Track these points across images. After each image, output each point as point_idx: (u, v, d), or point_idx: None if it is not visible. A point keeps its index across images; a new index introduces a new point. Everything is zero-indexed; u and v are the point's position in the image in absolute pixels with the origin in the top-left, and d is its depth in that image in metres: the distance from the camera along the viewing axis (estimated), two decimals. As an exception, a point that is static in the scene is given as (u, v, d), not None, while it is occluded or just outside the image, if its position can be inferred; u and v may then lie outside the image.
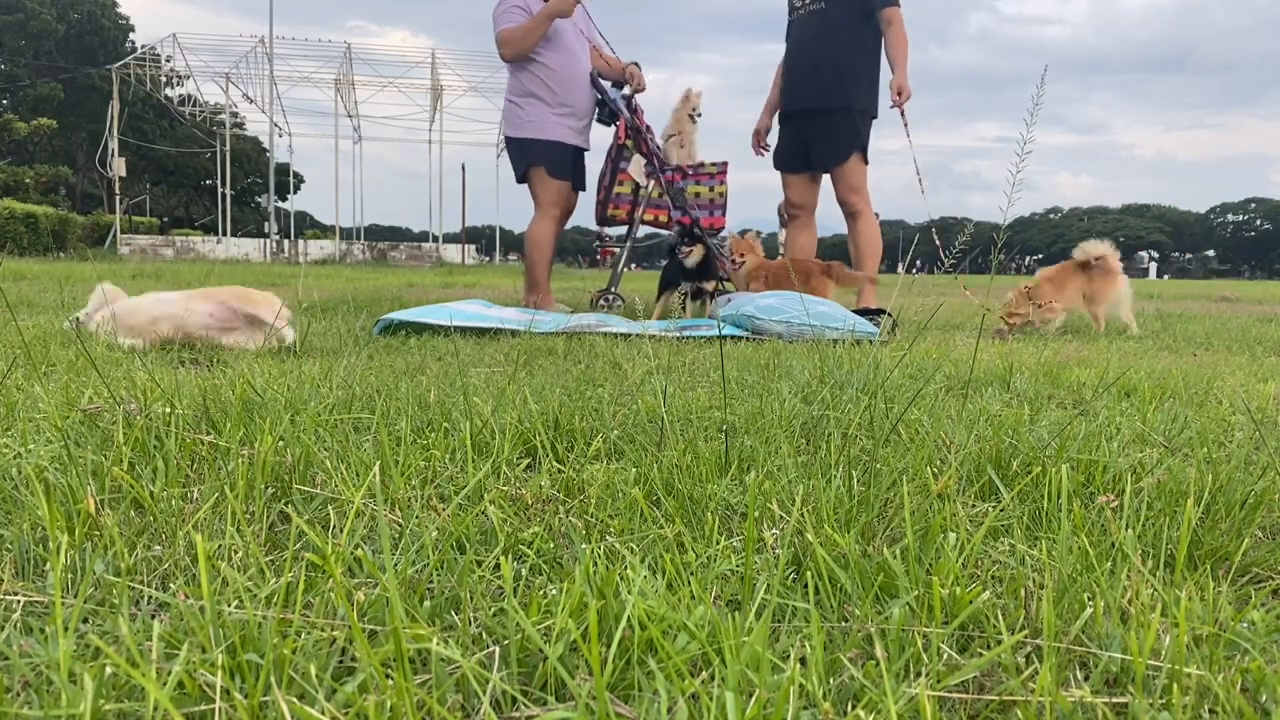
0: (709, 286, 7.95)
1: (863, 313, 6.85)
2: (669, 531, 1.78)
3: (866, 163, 7.96)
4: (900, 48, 7.63)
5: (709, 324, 6.38)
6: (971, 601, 1.42)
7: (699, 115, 8.84)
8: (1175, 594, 1.51)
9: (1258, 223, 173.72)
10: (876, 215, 8.14)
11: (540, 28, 7.86)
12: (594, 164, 8.62)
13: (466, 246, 39.61)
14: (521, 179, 8.14)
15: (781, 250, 9.56)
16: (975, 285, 13.09)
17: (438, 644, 1.23)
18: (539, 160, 7.99)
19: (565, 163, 8.06)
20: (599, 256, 8.59)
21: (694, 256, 7.84)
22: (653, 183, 8.41)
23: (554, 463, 2.30)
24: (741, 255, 7.83)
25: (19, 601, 1.46)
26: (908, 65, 7.64)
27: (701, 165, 8.60)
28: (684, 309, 7.74)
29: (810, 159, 8.07)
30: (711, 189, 8.62)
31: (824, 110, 7.89)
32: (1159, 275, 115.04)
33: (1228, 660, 1.32)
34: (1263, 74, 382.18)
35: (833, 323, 6.00)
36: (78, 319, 4.90)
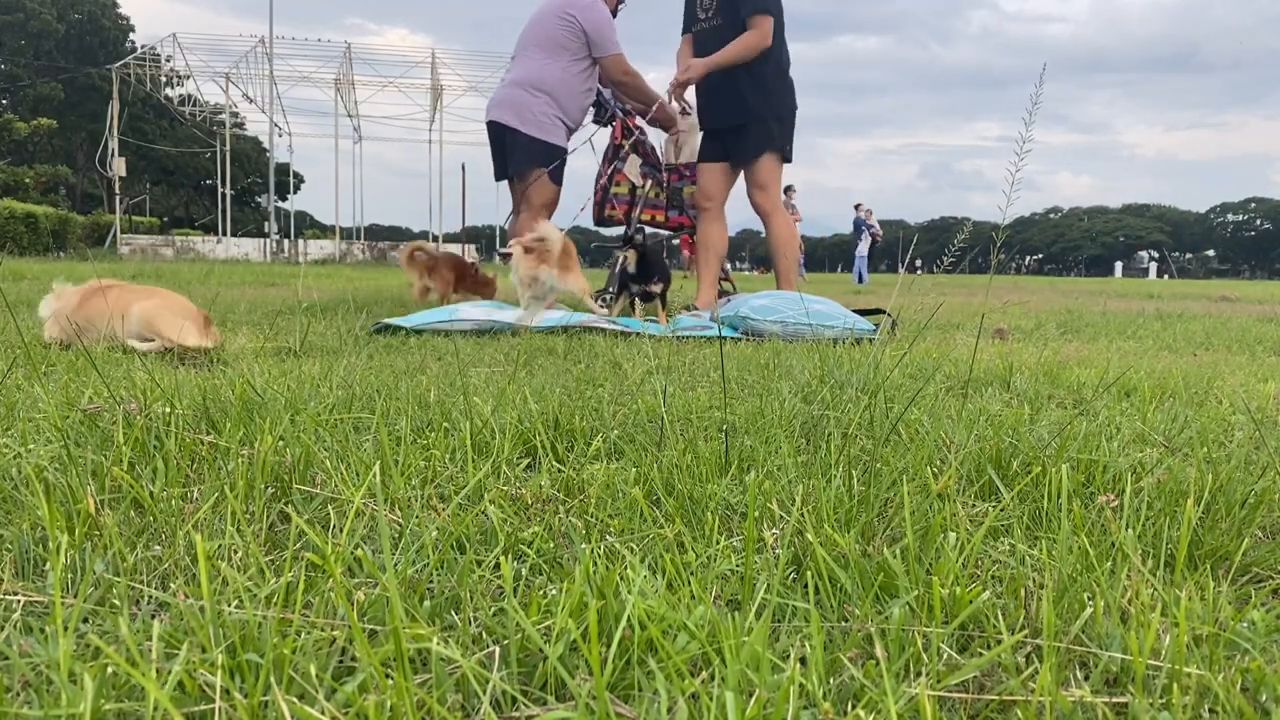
0: (655, 288, 7.91)
1: (862, 313, 6.84)
2: (669, 531, 1.78)
3: (786, 160, 8.16)
4: (735, 48, 7.79)
5: (707, 325, 6.37)
6: (971, 601, 1.42)
7: (691, 110, 8.82)
8: (1175, 594, 1.51)
9: (1258, 222, 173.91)
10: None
11: (652, 102, 8.26)
12: (592, 165, 8.62)
13: (467, 246, 39.70)
14: (513, 176, 8.05)
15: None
16: (975, 285, 13.13)
17: (438, 644, 1.23)
18: (548, 164, 7.96)
19: (562, 167, 8.06)
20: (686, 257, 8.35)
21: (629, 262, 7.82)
22: (649, 183, 8.41)
23: (554, 462, 2.30)
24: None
25: (19, 601, 1.46)
26: (715, 67, 7.82)
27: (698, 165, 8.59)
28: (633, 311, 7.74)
29: (727, 151, 8.24)
30: None
31: (737, 126, 8.07)
32: (1159, 275, 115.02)
33: (1228, 660, 1.32)
34: (1266, 73, 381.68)
35: (829, 321, 5.99)
36: None
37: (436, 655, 1.22)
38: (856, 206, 33.60)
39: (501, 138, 8.02)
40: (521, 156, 7.91)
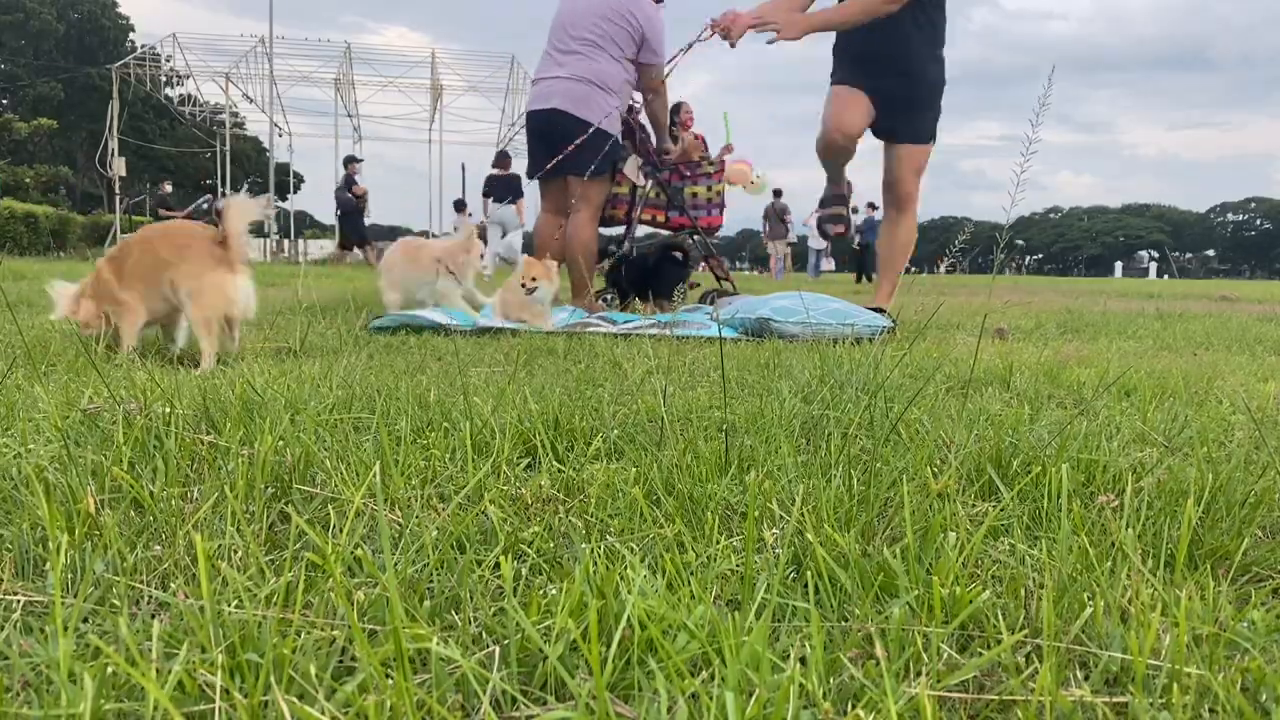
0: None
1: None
2: (669, 531, 1.78)
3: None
4: (853, 7, 6.68)
5: (707, 324, 6.34)
6: (971, 601, 1.42)
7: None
8: (1175, 593, 1.51)
9: (1258, 222, 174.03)
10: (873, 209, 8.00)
11: (660, 127, 8.23)
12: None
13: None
14: (567, 172, 7.75)
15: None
16: (975, 285, 13.13)
17: (438, 644, 1.23)
18: (614, 161, 7.90)
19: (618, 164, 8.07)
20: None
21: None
22: (650, 183, 8.41)
23: (554, 462, 2.30)
24: None
25: (19, 601, 1.46)
26: (824, 28, 6.67)
27: (699, 165, 8.60)
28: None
29: (894, 128, 7.10)
30: (709, 188, 8.64)
31: (908, 97, 6.98)
32: (1159, 274, 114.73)
33: (1228, 660, 1.32)
34: (1271, 71, 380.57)
35: (848, 319, 5.96)
36: None
37: (436, 655, 1.22)
38: (853, 209, 33.41)
39: (555, 130, 7.75)
40: (592, 153, 7.64)
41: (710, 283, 9.11)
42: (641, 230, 8.69)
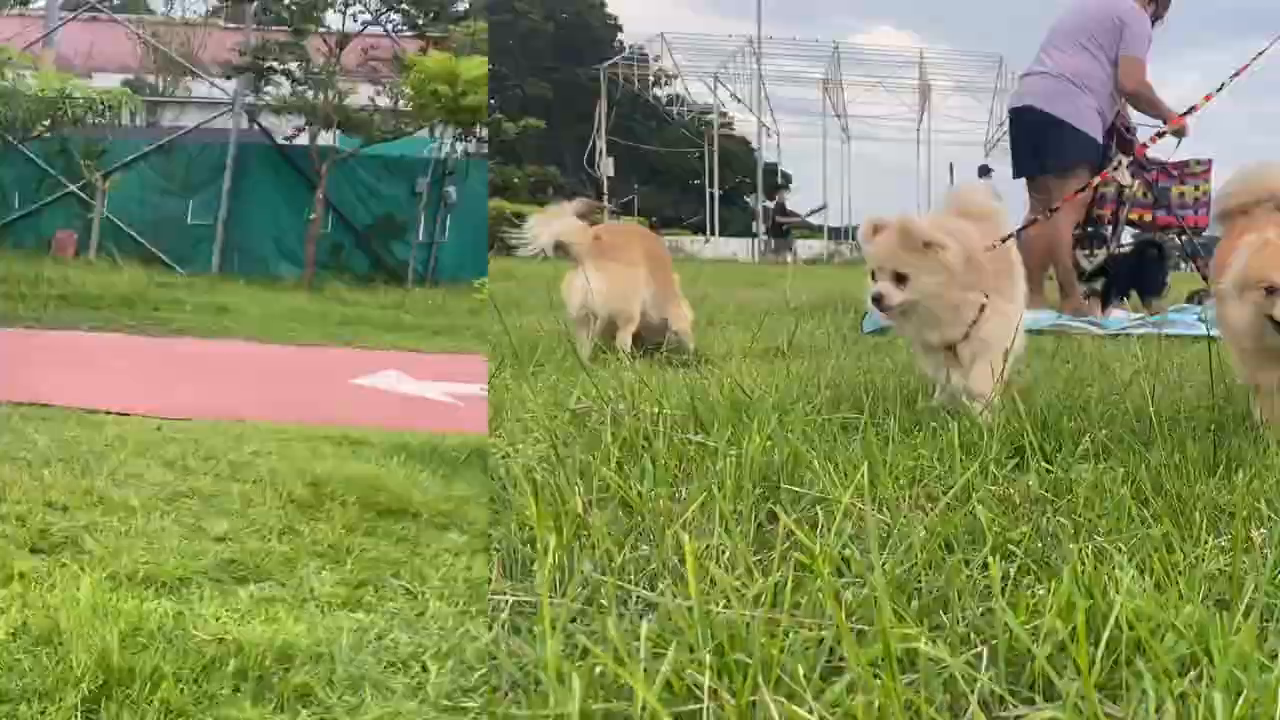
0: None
1: None
2: (1156, 531, 1.77)
3: None
4: None
5: (1196, 325, 6.09)
6: None
7: None
8: None
9: None
10: None
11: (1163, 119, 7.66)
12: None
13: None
14: (1049, 173, 7.64)
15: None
16: None
17: (926, 643, 1.27)
18: (1096, 161, 7.59)
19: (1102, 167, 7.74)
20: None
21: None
22: (1137, 182, 8.17)
23: (1042, 462, 2.30)
24: None
25: (507, 601, 1.57)
26: None
27: (1186, 164, 8.35)
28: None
29: None
30: (1196, 188, 8.36)
31: None
32: None
33: None
34: None
35: None
36: None
37: (924, 655, 1.25)
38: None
39: (1035, 128, 7.70)
40: (1072, 151, 7.54)
41: (1198, 283, 8.77)
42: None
